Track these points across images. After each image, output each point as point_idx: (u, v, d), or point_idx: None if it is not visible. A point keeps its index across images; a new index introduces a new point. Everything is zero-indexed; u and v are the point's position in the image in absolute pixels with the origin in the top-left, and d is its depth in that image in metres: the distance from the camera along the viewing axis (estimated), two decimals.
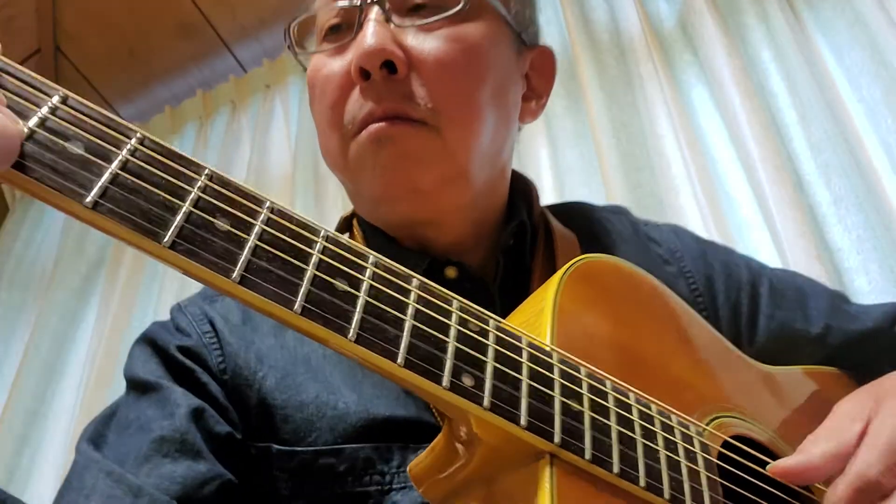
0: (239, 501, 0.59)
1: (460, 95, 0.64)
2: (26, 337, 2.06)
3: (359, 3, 0.64)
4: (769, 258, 1.39)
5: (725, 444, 0.55)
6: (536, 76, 0.77)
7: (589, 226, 0.80)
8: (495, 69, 0.67)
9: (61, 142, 0.35)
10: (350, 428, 0.60)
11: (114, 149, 0.37)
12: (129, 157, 0.37)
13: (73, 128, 0.36)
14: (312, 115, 0.71)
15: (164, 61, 2.34)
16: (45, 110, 0.36)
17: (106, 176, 0.35)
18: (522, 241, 0.72)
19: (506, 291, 0.69)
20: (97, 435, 0.60)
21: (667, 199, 1.48)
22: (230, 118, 2.22)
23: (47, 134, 0.35)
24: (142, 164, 0.37)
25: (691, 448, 0.51)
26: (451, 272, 0.68)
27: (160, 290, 2.00)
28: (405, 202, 0.65)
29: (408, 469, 0.50)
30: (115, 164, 0.36)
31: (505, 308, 0.61)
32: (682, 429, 0.52)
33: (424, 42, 0.63)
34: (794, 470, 0.51)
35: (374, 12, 0.63)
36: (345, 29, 0.66)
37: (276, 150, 2.08)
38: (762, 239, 1.41)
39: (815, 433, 0.54)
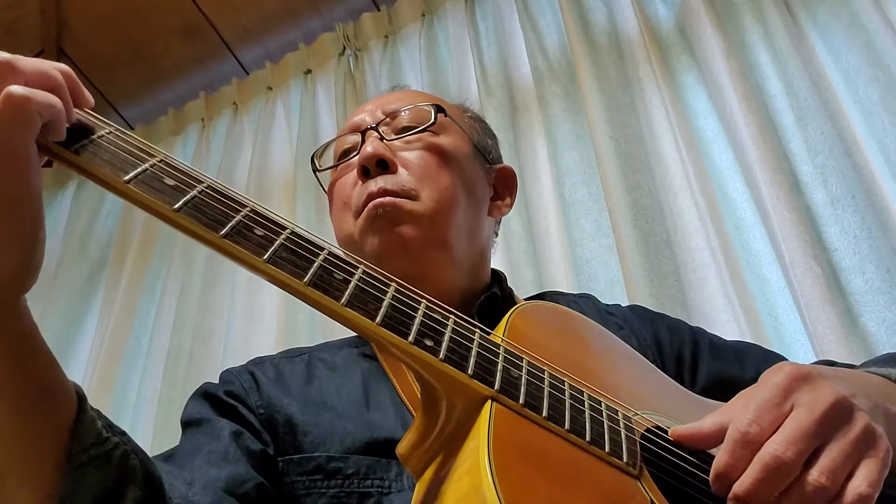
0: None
1: (437, 183, 0.87)
2: None
3: (362, 131, 0.92)
4: (766, 258, 1.40)
5: (649, 432, 0.62)
6: (501, 186, 1.01)
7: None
8: (464, 166, 0.92)
9: (161, 176, 0.55)
10: (357, 443, 0.74)
11: (194, 183, 0.56)
12: (197, 194, 0.55)
13: (169, 171, 0.56)
14: (331, 217, 0.96)
15: (167, 63, 2.35)
16: (151, 162, 0.55)
17: (189, 195, 0.54)
18: (496, 310, 0.85)
19: None
20: (166, 455, 0.75)
21: (665, 199, 1.49)
22: (232, 120, 2.24)
23: (154, 171, 0.55)
24: (205, 199, 0.55)
25: (615, 416, 0.60)
26: None
27: (163, 290, 2.01)
28: (398, 258, 0.83)
29: (396, 450, 0.58)
30: (194, 191, 0.55)
31: None
32: (610, 412, 0.60)
33: (409, 148, 0.90)
34: (685, 434, 0.58)
35: (373, 134, 0.90)
36: (352, 151, 0.94)
37: (277, 152, 2.09)
38: (759, 239, 1.42)
39: (719, 409, 0.60)
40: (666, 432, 0.62)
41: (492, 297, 0.89)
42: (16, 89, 0.47)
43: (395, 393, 0.79)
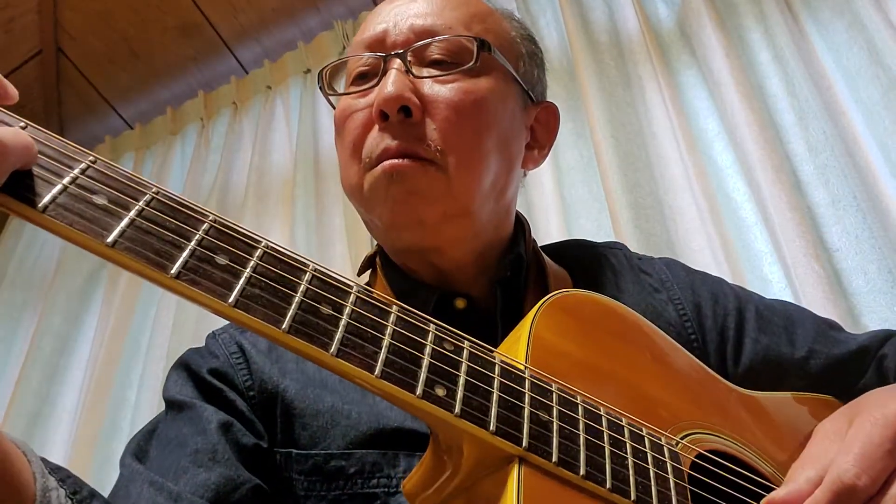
0: None
1: (467, 142, 0.71)
2: (29, 338, 2.07)
3: (384, 55, 0.74)
4: (767, 259, 1.40)
5: (701, 458, 0.57)
6: (541, 128, 0.84)
7: (583, 261, 0.86)
8: (501, 120, 0.75)
9: (88, 195, 0.43)
10: (361, 435, 0.66)
11: (132, 200, 0.44)
12: (145, 207, 0.44)
13: (99, 184, 0.44)
14: (337, 149, 0.79)
15: (165, 62, 2.34)
16: (76, 171, 0.44)
17: (125, 221, 0.43)
18: (519, 274, 0.77)
19: (506, 323, 0.73)
20: (140, 450, 0.68)
21: (665, 199, 1.49)
22: (231, 119, 2.23)
23: (78, 189, 0.43)
24: (155, 211, 0.45)
25: (660, 457, 0.53)
26: (460, 303, 0.74)
27: (162, 291, 2.00)
28: (410, 232, 0.72)
29: (401, 486, 0.54)
30: (132, 212, 0.43)
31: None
32: (653, 439, 0.54)
33: (439, 92, 0.72)
34: (787, 500, 0.52)
35: (397, 64, 0.72)
36: (370, 76, 0.75)
37: (277, 151, 2.09)
38: (760, 239, 1.41)
39: (800, 459, 0.55)
40: (720, 456, 0.58)
41: (516, 262, 0.77)
42: None
43: None
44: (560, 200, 1.59)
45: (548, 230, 1.58)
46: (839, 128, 1.39)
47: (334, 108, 0.80)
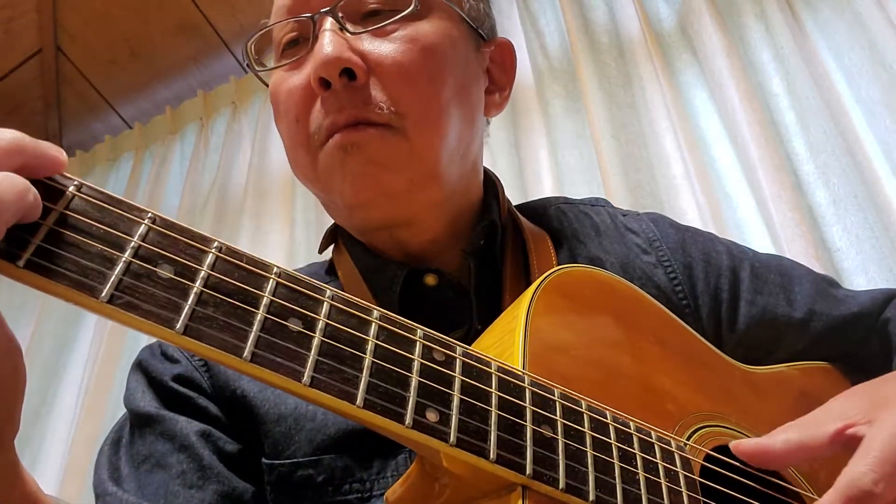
0: None
1: (422, 96, 0.64)
2: (27, 337, 2.07)
3: (311, 16, 0.64)
4: None
5: (708, 458, 0.55)
6: (497, 69, 0.76)
7: (563, 221, 0.79)
8: (455, 65, 0.67)
9: None
10: (328, 439, 0.60)
11: (48, 203, 0.35)
12: (64, 210, 0.36)
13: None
14: (278, 131, 0.71)
15: (164, 61, 2.34)
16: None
17: (39, 235, 0.34)
18: (493, 241, 0.71)
19: (481, 297, 0.68)
20: (113, 470, 0.62)
21: (666, 199, 1.49)
22: (231, 119, 2.22)
23: None
24: (77, 215, 0.36)
25: (672, 467, 0.50)
26: (430, 279, 0.68)
27: None
28: (377, 207, 0.65)
29: (384, 498, 0.50)
30: (50, 219, 0.35)
31: (481, 315, 0.63)
32: (663, 445, 0.51)
33: (381, 46, 0.64)
34: (750, 450, 0.51)
35: (329, 23, 0.63)
36: (301, 42, 0.67)
37: (276, 150, 2.08)
38: (761, 239, 1.41)
39: (791, 423, 0.53)
40: (727, 451, 0.55)
41: (490, 229, 0.71)
42: None
43: None
44: None
45: None
46: (840, 127, 1.39)
47: (267, 85, 0.71)
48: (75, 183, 0.37)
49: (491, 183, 0.77)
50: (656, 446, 0.50)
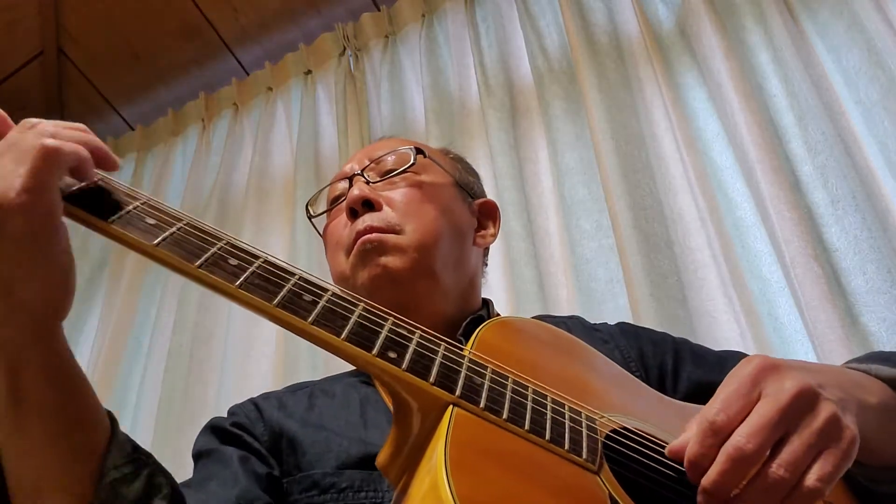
0: None
1: (420, 215, 0.93)
2: None
3: (349, 177, 0.99)
4: (767, 259, 1.40)
5: (615, 432, 0.63)
6: (484, 218, 1.06)
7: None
8: (444, 199, 0.98)
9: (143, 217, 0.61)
10: (351, 459, 0.79)
11: (167, 227, 0.61)
12: (175, 231, 0.61)
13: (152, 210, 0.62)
14: (327, 259, 1.01)
15: (166, 63, 2.35)
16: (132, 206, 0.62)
17: (169, 231, 0.60)
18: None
19: None
20: (182, 485, 0.77)
21: (665, 200, 1.49)
22: (232, 120, 2.23)
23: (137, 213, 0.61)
24: (183, 235, 0.61)
25: (577, 417, 0.62)
26: None
27: (162, 291, 2.01)
28: (387, 289, 0.88)
29: (375, 462, 0.61)
30: (173, 229, 0.60)
31: None
32: (573, 414, 0.62)
33: (392, 190, 0.96)
34: (678, 448, 0.58)
35: (359, 180, 0.97)
36: (342, 197, 1.00)
37: (278, 152, 2.09)
38: (760, 239, 1.42)
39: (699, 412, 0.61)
40: (632, 433, 0.65)
41: (478, 319, 0.92)
42: (49, 142, 0.56)
43: (391, 413, 0.82)
44: (560, 201, 1.59)
45: (548, 230, 1.59)
46: (838, 128, 1.39)
47: (320, 234, 1.06)
48: (185, 220, 0.64)
49: (486, 302, 1.02)
50: (566, 406, 0.63)
